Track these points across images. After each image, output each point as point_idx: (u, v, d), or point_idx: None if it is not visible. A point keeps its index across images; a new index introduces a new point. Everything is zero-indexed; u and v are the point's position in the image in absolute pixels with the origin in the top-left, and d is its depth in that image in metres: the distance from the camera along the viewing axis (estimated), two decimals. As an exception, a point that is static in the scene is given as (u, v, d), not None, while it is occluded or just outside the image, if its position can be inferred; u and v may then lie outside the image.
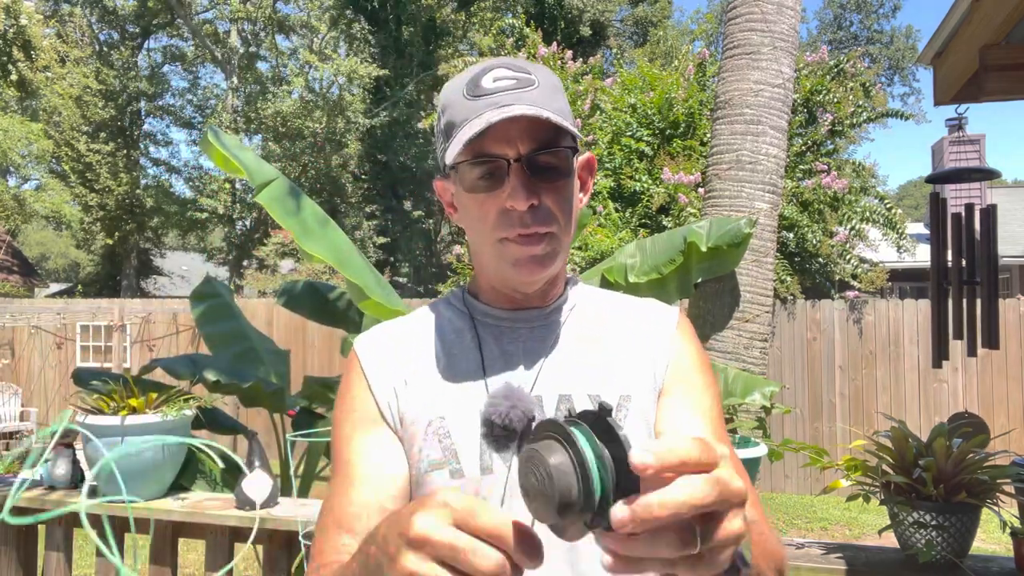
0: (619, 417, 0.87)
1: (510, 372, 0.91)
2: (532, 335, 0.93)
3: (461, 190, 0.87)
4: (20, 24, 17.51)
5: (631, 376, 0.91)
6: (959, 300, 2.55)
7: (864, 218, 7.47)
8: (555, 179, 0.85)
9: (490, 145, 0.82)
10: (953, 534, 1.56)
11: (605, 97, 8.26)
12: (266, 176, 2.62)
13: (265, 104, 21.07)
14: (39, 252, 42.02)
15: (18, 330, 9.86)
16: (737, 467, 0.86)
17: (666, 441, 0.48)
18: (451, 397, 0.89)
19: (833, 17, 34.62)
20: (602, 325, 0.96)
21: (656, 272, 3.14)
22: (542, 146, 0.83)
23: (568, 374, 0.90)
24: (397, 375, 0.92)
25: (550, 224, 0.85)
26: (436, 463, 0.86)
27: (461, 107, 0.84)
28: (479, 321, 0.95)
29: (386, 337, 0.97)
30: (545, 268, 0.87)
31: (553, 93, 0.86)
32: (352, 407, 0.93)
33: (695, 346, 0.97)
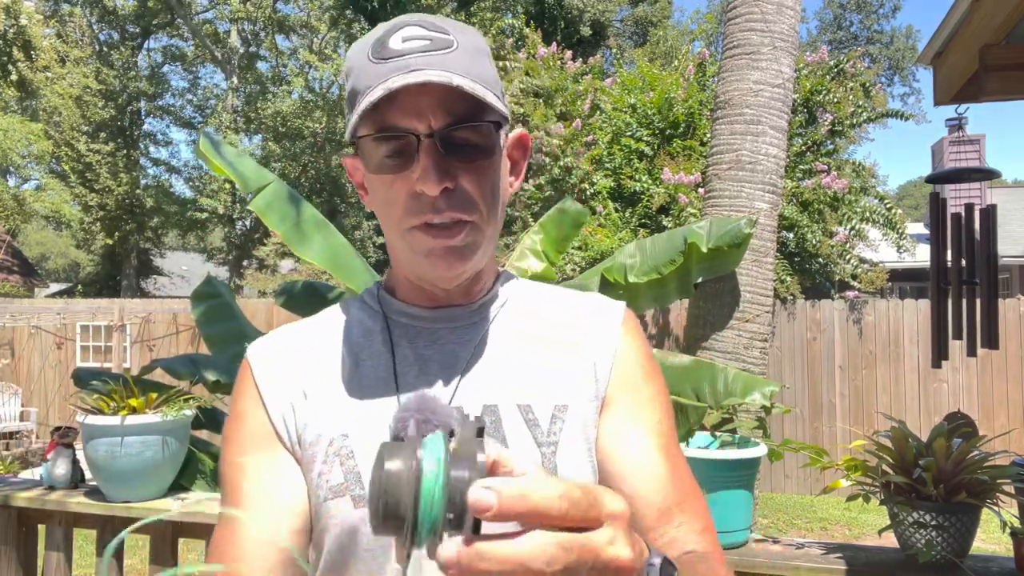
0: (554, 429, 0.76)
1: (426, 380, 0.78)
2: (454, 337, 0.81)
3: (367, 170, 0.76)
4: (20, 24, 17.51)
5: (569, 383, 0.79)
6: (959, 300, 2.55)
7: (864, 218, 7.48)
8: (475, 158, 0.73)
9: (396, 117, 0.70)
10: (953, 534, 1.56)
11: (605, 97, 8.26)
12: (260, 182, 2.64)
13: (265, 104, 21.08)
14: (39, 252, 42.03)
15: (18, 330, 9.86)
16: (692, 490, 0.78)
17: (524, 482, 0.39)
18: (356, 411, 0.77)
19: (833, 17, 34.63)
20: (537, 325, 0.84)
21: (656, 272, 3.14)
22: (459, 120, 0.71)
23: (495, 381, 0.78)
24: (295, 387, 0.79)
25: (469, 211, 0.73)
26: (337, 489, 0.74)
27: (365, 72, 0.71)
28: (393, 321, 0.83)
29: (284, 343, 0.84)
30: (464, 261, 0.75)
31: (475, 57, 0.73)
32: (241, 425, 0.80)
33: (643, 347, 0.85)
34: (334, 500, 0.74)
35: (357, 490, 0.73)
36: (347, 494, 0.73)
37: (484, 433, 0.68)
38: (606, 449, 0.78)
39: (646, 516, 0.74)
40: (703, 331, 3.52)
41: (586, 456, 0.77)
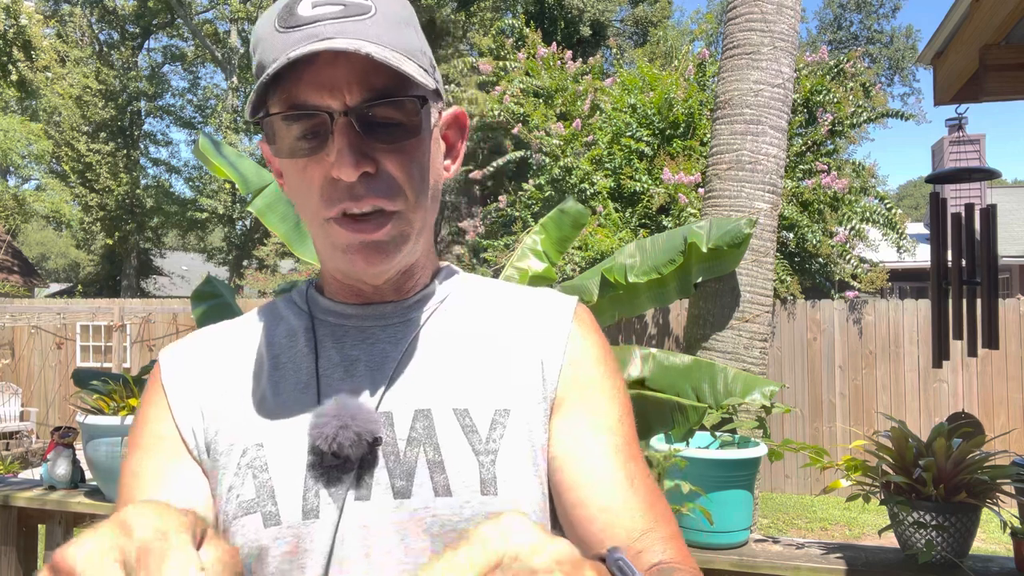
0: (493, 436, 0.69)
1: (352, 383, 0.70)
2: (385, 336, 0.73)
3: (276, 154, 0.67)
4: (20, 24, 17.51)
5: (512, 385, 0.72)
6: (959, 300, 2.55)
7: (864, 218, 7.48)
8: (397, 139, 0.65)
9: (307, 93, 0.62)
10: (953, 534, 1.56)
11: (605, 97, 8.27)
12: (259, 183, 2.65)
13: (265, 104, 21.07)
14: (39, 252, 42.04)
15: (18, 330, 9.86)
16: (655, 495, 0.71)
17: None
18: (273, 419, 0.69)
19: (833, 17, 34.63)
20: (479, 323, 0.76)
21: (656, 272, 3.14)
22: (378, 95, 0.63)
23: (429, 384, 0.71)
24: (208, 393, 0.72)
25: (392, 198, 0.65)
26: (248, 505, 0.66)
27: (271, 43, 0.63)
28: (319, 320, 0.75)
29: (200, 345, 0.77)
30: (387, 257, 0.67)
31: (397, 26, 0.65)
32: (145, 432, 0.72)
33: (599, 344, 0.77)
34: (244, 517, 0.66)
35: (270, 507, 0.66)
36: (258, 511, 0.66)
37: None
38: (560, 455, 0.71)
39: (611, 527, 0.69)
40: (703, 331, 3.53)
41: (530, 465, 0.69)
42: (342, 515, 0.65)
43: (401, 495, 0.66)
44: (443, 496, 0.66)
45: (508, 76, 9.04)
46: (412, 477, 0.66)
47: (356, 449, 0.65)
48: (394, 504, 0.66)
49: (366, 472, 0.66)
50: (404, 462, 0.67)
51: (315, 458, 0.66)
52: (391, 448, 0.67)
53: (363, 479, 0.66)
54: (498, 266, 7.57)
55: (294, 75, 0.63)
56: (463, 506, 0.66)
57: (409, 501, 0.66)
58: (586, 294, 3.08)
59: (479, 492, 0.66)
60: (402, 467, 0.67)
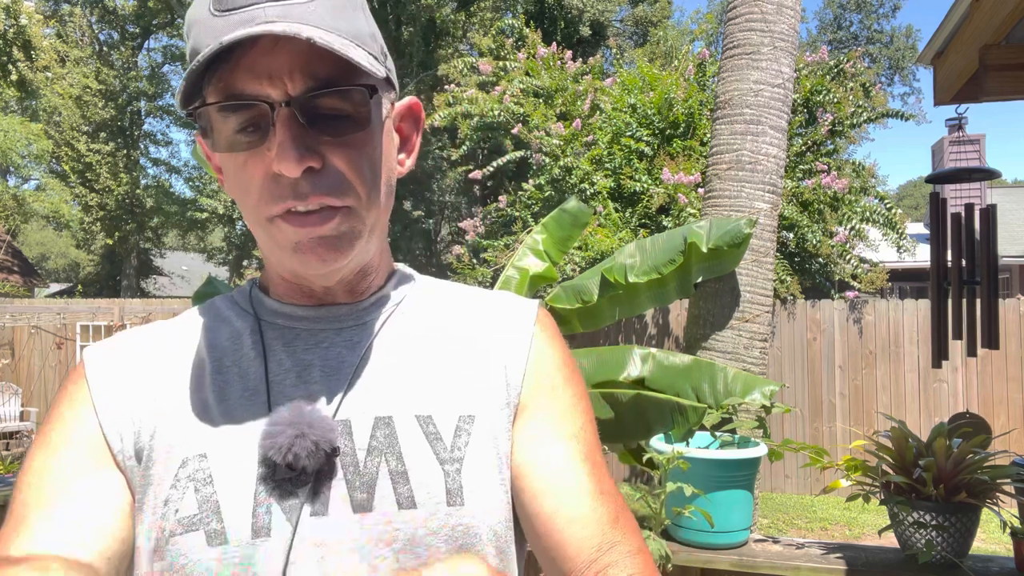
0: (458, 444, 0.65)
1: (306, 389, 0.66)
2: (339, 339, 0.69)
3: (213, 148, 0.63)
4: (20, 24, 17.51)
5: (476, 390, 0.69)
6: (959, 300, 2.55)
7: (864, 218, 7.48)
8: (345, 131, 0.60)
9: (245, 82, 0.57)
10: (953, 534, 1.56)
11: (605, 97, 8.27)
12: None
13: (265, 104, 21.07)
14: (39, 252, 42.04)
15: (18, 330, 9.87)
16: (620, 504, 0.69)
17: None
18: (217, 426, 0.64)
19: (833, 17, 34.63)
20: (439, 325, 0.72)
21: (656, 272, 3.14)
22: (323, 84, 0.58)
23: (389, 390, 0.67)
24: (140, 395, 0.66)
25: (340, 194, 0.61)
26: (188, 522, 0.60)
27: (205, 28, 0.58)
28: (266, 323, 0.70)
29: (133, 345, 0.70)
30: (339, 253, 0.63)
31: (342, 9, 0.60)
32: (61, 431, 0.65)
33: (560, 349, 0.75)
34: (184, 535, 0.60)
35: (213, 524, 0.59)
36: (201, 528, 0.60)
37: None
38: (524, 463, 0.68)
39: (579, 539, 0.66)
40: (703, 331, 3.53)
41: (496, 474, 0.66)
42: (296, 533, 0.60)
43: (361, 508, 0.61)
44: (407, 508, 0.62)
45: (508, 76, 9.04)
46: (373, 489, 0.62)
47: (313, 460, 0.60)
48: (354, 519, 0.61)
49: (323, 485, 0.62)
50: (364, 473, 0.62)
51: (267, 470, 0.61)
52: (350, 459, 0.63)
53: (320, 492, 0.61)
54: (498, 266, 7.57)
55: (231, 62, 0.58)
56: (429, 518, 0.62)
57: (370, 515, 0.61)
58: (586, 294, 3.08)
59: (445, 503, 0.62)
60: (362, 478, 0.62)
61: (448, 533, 0.62)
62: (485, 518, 0.64)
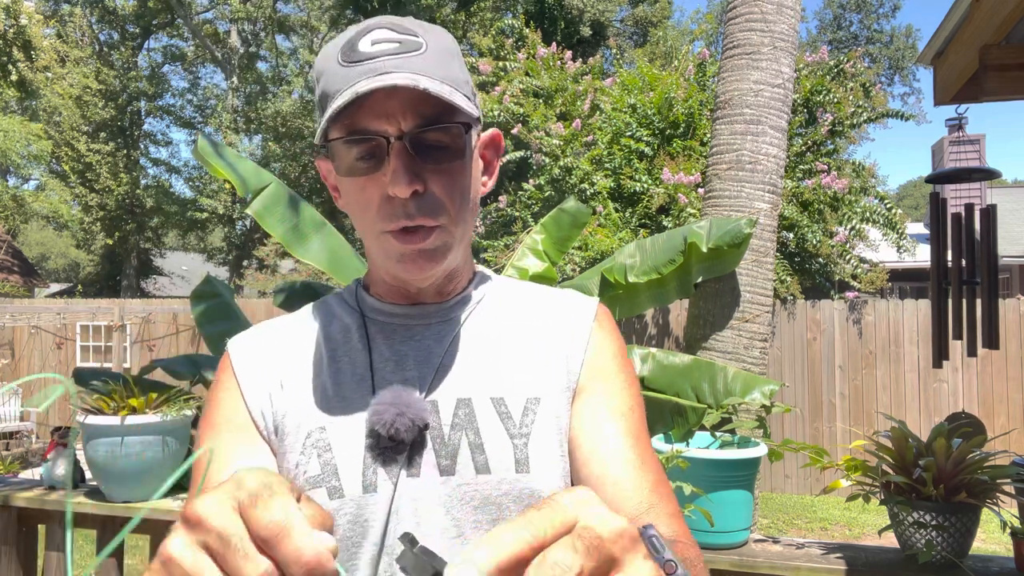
0: (526, 421, 0.79)
1: (402, 375, 0.80)
2: (429, 333, 0.83)
3: (338, 172, 0.78)
4: (20, 24, 17.51)
5: (541, 376, 0.82)
6: (959, 300, 2.55)
7: (864, 218, 7.48)
8: (444, 161, 0.74)
9: (367, 120, 0.72)
10: (953, 534, 1.56)
11: (605, 97, 8.27)
12: (258, 184, 2.65)
13: (265, 104, 21.08)
14: (39, 252, 42.03)
15: (18, 330, 9.86)
16: (661, 476, 0.80)
17: (490, 539, 0.37)
18: (333, 405, 0.79)
19: (833, 17, 34.62)
20: (511, 320, 0.86)
21: (656, 272, 3.14)
22: (428, 122, 0.72)
23: (469, 376, 0.81)
24: (274, 379, 0.82)
25: (437, 215, 0.75)
26: (314, 480, 0.76)
27: (335, 76, 0.73)
28: (370, 319, 0.85)
29: (265, 337, 0.87)
30: (435, 263, 0.77)
31: (445, 59, 0.75)
32: (219, 414, 0.81)
33: (615, 341, 0.87)
34: (311, 491, 0.75)
35: (333, 481, 0.75)
36: (323, 485, 0.75)
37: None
38: (579, 435, 0.81)
39: (621, 499, 0.76)
40: (703, 331, 3.53)
41: (557, 447, 0.79)
42: (396, 490, 0.75)
43: (446, 472, 0.76)
44: (483, 473, 0.76)
45: (508, 76, 9.04)
46: (456, 457, 0.77)
47: (409, 434, 0.75)
48: (440, 480, 0.76)
49: (416, 453, 0.77)
50: (449, 444, 0.77)
51: (372, 440, 0.77)
52: (437, 432, 0.78)
53: (414, 459, 0.76)
54: (498, 266, 7.56)
55: (355, 105, 0.71)
56: (500, 482, 0.76)
57: (453, 478, 0.76)
58: (586, 294, 3.08)
59: (514, 470, 0.76)
60: (447, 449, 0.77)
61: (516, 495, 0.76)
62: (547, 483, 0.77)
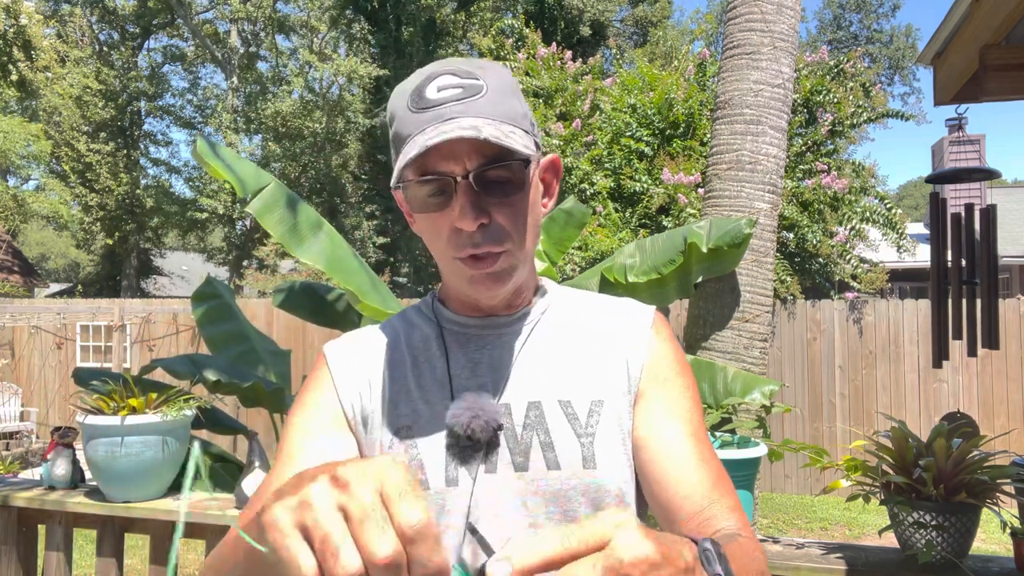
0: (591, 422, 0.85)
1: (477, 381, 0.88)
2: (500, 342, 0.91)
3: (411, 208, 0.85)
4: (20, 24, 17.51)
5: (604, 380, 0.88)
6: (959, 300, 2.55)
7: (864, 218, 7.47)
8: (507, 195, 0.81)
9: (435, 162, 0.79)
10: (953, 534, 1.56)
11: (605, 97, 8.26)
12: (257, 185, 2.65)
13: (265, 104, 21.07)
14: (39, 252, 42.02)
15: (18, 330, 9.86)
16: (721, 472, 0.86)
17: (530, 540, 0.43)
18: (418, 406, 0.88)
19: (833, 17, 34.62)
20: (574, 329, 0.93)
21: (656, 272, 3.14)
22: (490, 160, 0.79)
23: (537, 381, 0.88)
24: (363, 382, 0.90)
25: (502, 243, 0.82)
26: None
27: (406, 120, 0.81)
28: (446, 329, 0.93)
29: (356, 343, 0.95)
30: (503, 284, 0.84)
31: (504, 97, 0.82)
32: (312, 404, 0.90)
33: (672, 347, 0.93)
34: None
35: (419, 475, 0.83)
36: None
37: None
38: (642, 438, 0.86)
39: (685, 494, 0.82)
40: (703, 331, 3.52)
41: (620, 445, 0.86)
42: (475, 484, 0.83)
43: (520, 469, 0.84)
44: (553, 469, 0.83)
45: (508, 76, 9.02)
46: (528, 455, 0.84)
47: (485, 434, 0.83)
48: (515, 476, 0.84)
49: (492, 451, 0.84)
50: (521, 443, 0.85)
51: (452, 439, 0.84)
52: (511, 432, 0.85)
53: (490, 457, 0.84)
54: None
55: (426, 148, 0.77)
56: (570, 478, 0.83)
57: (527, 474, 0.83)
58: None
59: (582, 467, 0.83)
60: (520, 447, 0.84)
61: (584, 489, 0.83)
62: (613, 478, 0.84)
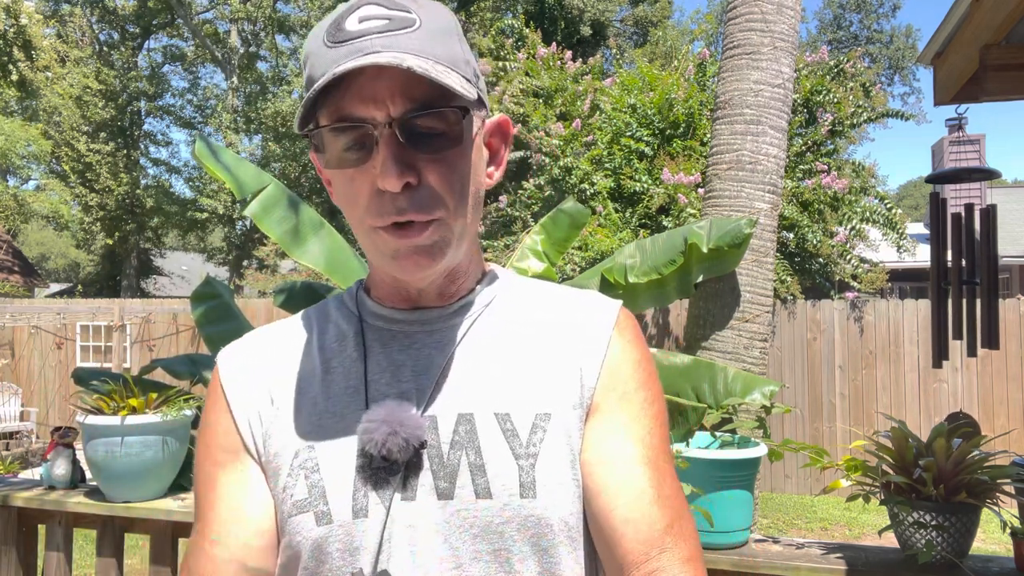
0: (534, 440, 0.70)
1: (398, 388, 0.73)
2: (430, 341, 0.75)
3: (324, 165, 0.70)
4: (20, 24, 17.51)
5: (552, 389, 0.73)
6: (959, 300, 2.55)
7: (864, 218, 7.48)
8: (440, 149, 0.67)
9: (353, 106, 0.65)
10: (953, 534, 1.56)
11: (605, 97, 8.26)
12: (256, 186, 2.66)
13: (265, 104, 21.07)
14: (39, 252, 42.03)
15: (18, 330, 9.86)
16: (680, 511, 0.73)
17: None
18: (324, 422, 0.73)
19: (833, 17, 34.62)
20: (521, 327, 0.77)
21: (656, 272, 3.14)
22: (422, 106, 0.65)
23: (472, 389, 0.73)
24: (262, 395, 0.76)
25: (433, 209, 0.67)
26: (300, 504, 0.70)
27: (320, 57, 0.66)
28: (368, 324, 0.78)
29: (256, 347, 0.80)
30: (433, 260, 0.69)
31: (441, 36, 0.67)
32: (211, 437, 0.77)
33: (637, 352, 0.78)
34: (298, 516, 0.70)
35: (321, 506, 0.69)
36: (310, 510, 0.69)
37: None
38: (590, 461, 0.72)
39: (631, 540, 0.70)
40: (703, 331, 3.52)
41: (568, 469, 0.71)
42: (389, 514, 0.68)
43: (444, 496, 0.69)
44: (483, 499, 0.68)
45: (508, 76, 9.04)
46: (455, 479, 0.69)
47: (404, 454, 0.69)
48: (438, 505, 0.69)
49: (412, 474, 0.70)
50: (447, 465, 0.70)
51: (364, 460, 0.70)
52: (435, 451, 0.70)
53: (409, 481, 0.70)
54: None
55: (341, 89, 0.65)
56: (503, 508, 0.68)
57: (452, 503, 0.69)
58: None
59: (518, 495, 0.68)
60: (445, 470, 0.70)
61: (521, 522, 0.68)
62: (556, 510, 0.69)
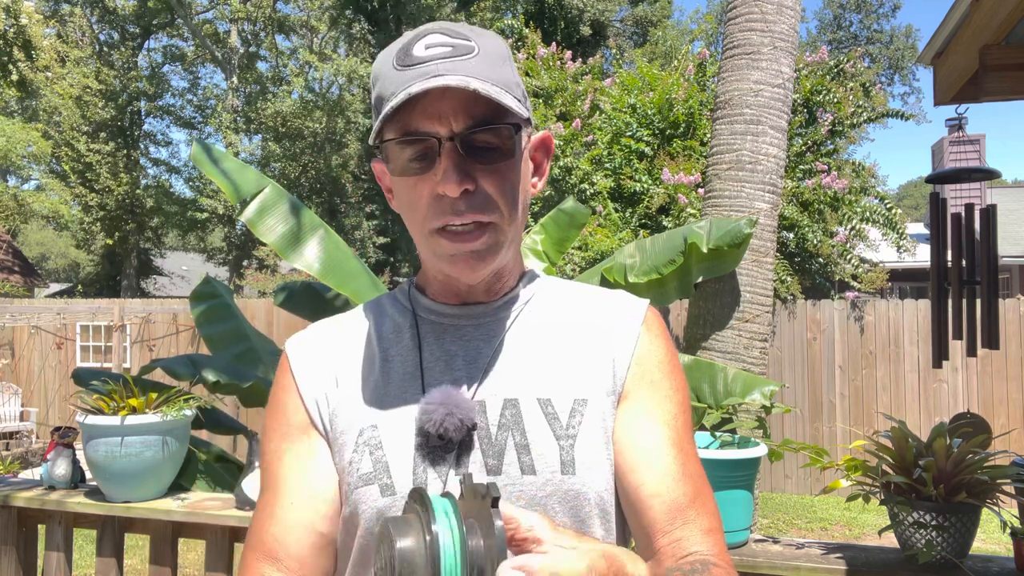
0: (572, 423, 0.79)
1: (451, 375, 0.82)
2: (478, 333, 0.84)
3: (391, 173, 0.79)
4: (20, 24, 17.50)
5: (588, 378, 0.82)
6: (959, 300, 2.55)
7: (864, 218, 7.47)
8: (495, 160, 0.76)
9: (419, 122, 0.74)
10: (953, 534, 1.56)
11: (605, 97, 8.26)
12: (252, 189, 2.66)
13: (265, 104, 21.07)
14: (39, 252, 42.02)
15: (18, 330, 9.86)
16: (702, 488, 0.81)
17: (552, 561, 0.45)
18: (385, 404, 0.81)
19: (833, 17, 34.62)
20: (559, 321, 0.86)
21: (656, 272, 3.14)
22: (479, 123, 0.74)
23: (516, 376, 0.81)
24: (328, 379, 0.85)
25: (489, 212, 0.76)
26: (366, 477, 0.78)
27: (390, 79, 0.75)
28: (421, 318, 0.87)
29: (320, 337, 0.89)
30: (485, 263, 0.78)
31: (496, 62, 0.76)
32: (280, 415, 0.85)
33: (664, 346, 0.87)
34: (364, 488, 0.77)
35: (385, 479, 0.77)
36: (375, 483, 0.77)
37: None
38: (621, 442, 0.81)
39: (657, 511, 0.77)
40: (703, 331, 3.52)
41: (603, 448, 0.80)
42: (445, 488, 0.76)
43: (493, 472, 0.77)
44: (528, 474, 0.77)
45: (508, 76, 9.01)
46: (502, 457, 0.78)
47: (458, 433, 0.76)
48: (487, 480, 0.76)
49: (464, 453, 0.78)
50: (495, 444, 0.78)
51: (422, 439, 0.78)
52: (484, 432, 0.79)
53: (462, 459, 0.78)
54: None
55: (409, 106, 0.73)
56: (545, 483, 0.77)
57: (499, 478, 0.77)
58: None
59: (559, 472, 0.77)
60: (494, 448, 0.78)
61: (561, 496, 0.77)
62: (592, 485, 0.78)
